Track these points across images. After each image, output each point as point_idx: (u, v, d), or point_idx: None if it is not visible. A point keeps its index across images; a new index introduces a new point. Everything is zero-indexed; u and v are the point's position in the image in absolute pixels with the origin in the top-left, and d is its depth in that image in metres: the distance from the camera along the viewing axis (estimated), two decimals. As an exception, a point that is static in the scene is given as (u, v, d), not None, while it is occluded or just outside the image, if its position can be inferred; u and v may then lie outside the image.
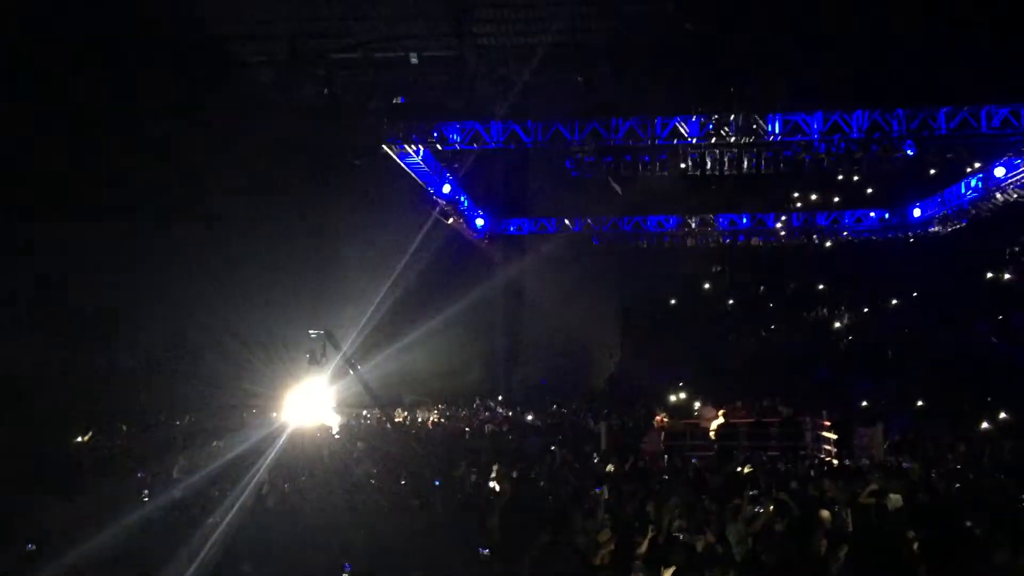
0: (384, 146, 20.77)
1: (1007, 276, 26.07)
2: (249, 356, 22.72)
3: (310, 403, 24.14)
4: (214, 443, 18.12)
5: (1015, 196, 22.75)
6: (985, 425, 17.86)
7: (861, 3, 16.30)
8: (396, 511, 11.93)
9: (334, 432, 21.62)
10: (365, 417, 23.82)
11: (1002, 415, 19.09)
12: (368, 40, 18.69)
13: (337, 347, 19.58)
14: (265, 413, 22.82)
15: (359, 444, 18.90)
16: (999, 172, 21.78)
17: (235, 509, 11.55)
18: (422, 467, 15.38)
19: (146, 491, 13.52)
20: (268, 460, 14.68)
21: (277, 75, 19.31)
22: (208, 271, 20.64)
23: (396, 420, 23.36)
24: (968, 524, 8.93)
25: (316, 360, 19.70)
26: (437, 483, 13.55)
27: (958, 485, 12.09)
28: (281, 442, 17.69)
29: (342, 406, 24.52)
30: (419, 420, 25.29)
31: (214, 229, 20.70)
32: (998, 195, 23.06)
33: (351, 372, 20.44)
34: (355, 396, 23.56)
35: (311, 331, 19.62)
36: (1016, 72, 17.77)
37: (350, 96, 19.91)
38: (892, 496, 10.59)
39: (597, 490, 9.79)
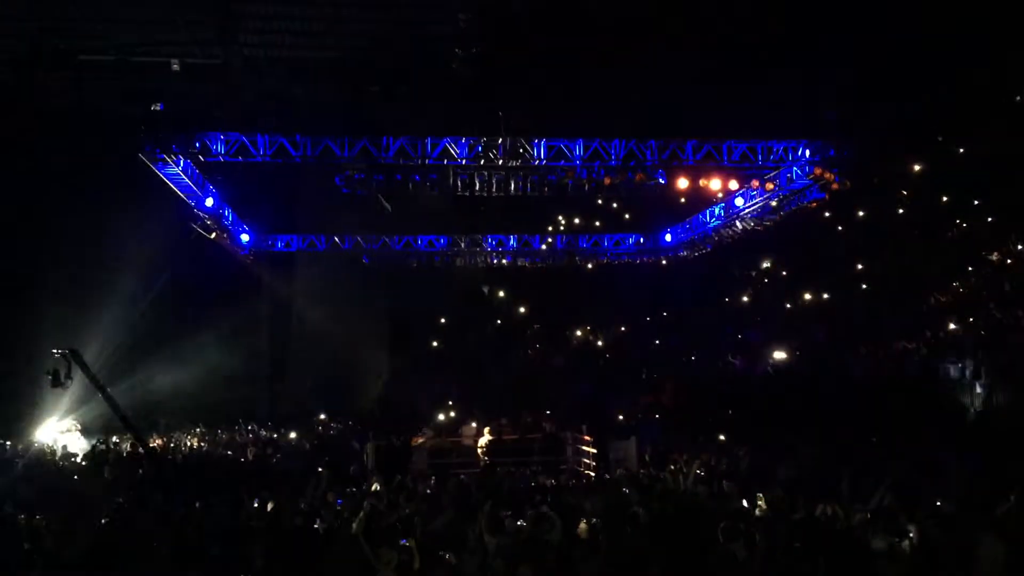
0: (141, 155, 19.65)
1: (744, 298, 28.42)
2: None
3: (52, 428, 22.38)
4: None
5: (753, 224, 24.90)
6: (722, 437, 19.30)
7: (625, 41, 17.33)
8: (149, 542, 11.20)
9: (79, 459, 20.09)
10: (115, 443, 22.28)
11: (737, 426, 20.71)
12: (124, 43, 17.69)
13: (84, 367, 18.20)
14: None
15: (106, 471, 17.68)
16: (739, 202, 23.71)
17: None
18: (178, 494, 14.57)
19: None
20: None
21: (18, 76, 17.85)
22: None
23: (150, 445, 22.05)
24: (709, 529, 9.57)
25: (59, 381, 18.18)
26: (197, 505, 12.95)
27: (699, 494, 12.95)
28: (16, 471, 16.24)
29: (88, 431, 22.86)
30: (175, 444, 24.00)
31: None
32: (738, 223, 25.15)
33: (99, 394, 19.04)
34: (103, 420, 22.03)
35: (54, 350, 18.12)
36: (753, 110, 19.55)
37: (102, 102, 18.71)
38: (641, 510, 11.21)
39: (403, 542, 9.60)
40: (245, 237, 27.60)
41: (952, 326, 20.63)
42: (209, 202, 22.87)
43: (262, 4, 17.04)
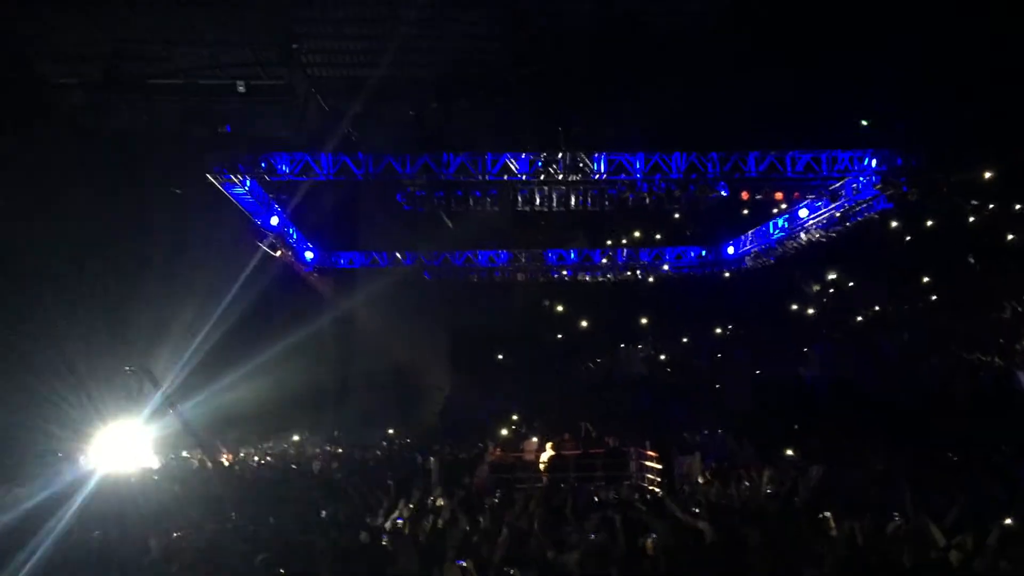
0: (209, 176, 20.12)
1: (810, 310, 27.91)
2: (59, 395, 21.28)
3: (126, 444, 22.86)
4: (15, 490, 16.76)
5: (818, 236, 24.47)
6: (789, 452, 18.90)
7: (682, 54, 17.25)
8: (218, 555, 11.38)
9: (153, 475, 20.51)
10: (185, 458, 22.72)
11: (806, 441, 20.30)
12: (192, 66, 18.18)
13: (156, 384, 18.64)
14: (74, 456, 21.37)
15: (176, 488, 18.00)
16: (803, 213, 23.34)
17: (35, 559, 10.72)
18: (246, 508, 14.78)
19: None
20: (75, 507, 13.71)
21: (91, 98, 18.42)
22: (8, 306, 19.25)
23: (219, 460, 22.42)
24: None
25: (133, 398, 18.66)
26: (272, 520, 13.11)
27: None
28: (91, 487, 16.61)
29: (161, 447, 23.33)
30: (244, 459, 24.36)
31: (18, 260, 19.35)
32: (802, 235, 24.75)
33: (171, 411, 19.46)
34: (175, 436, 22.48)
35: (128, 367, 18.59)
36: (817, 122, 19.27)
37: (172, 123, 19.23)
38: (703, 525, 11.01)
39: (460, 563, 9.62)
40: (309, 255, 28.07)
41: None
42: (274, 220, 23.31)
43: (323, 25, 17.38)
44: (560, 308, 33.13)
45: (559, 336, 33.59)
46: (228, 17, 16.63)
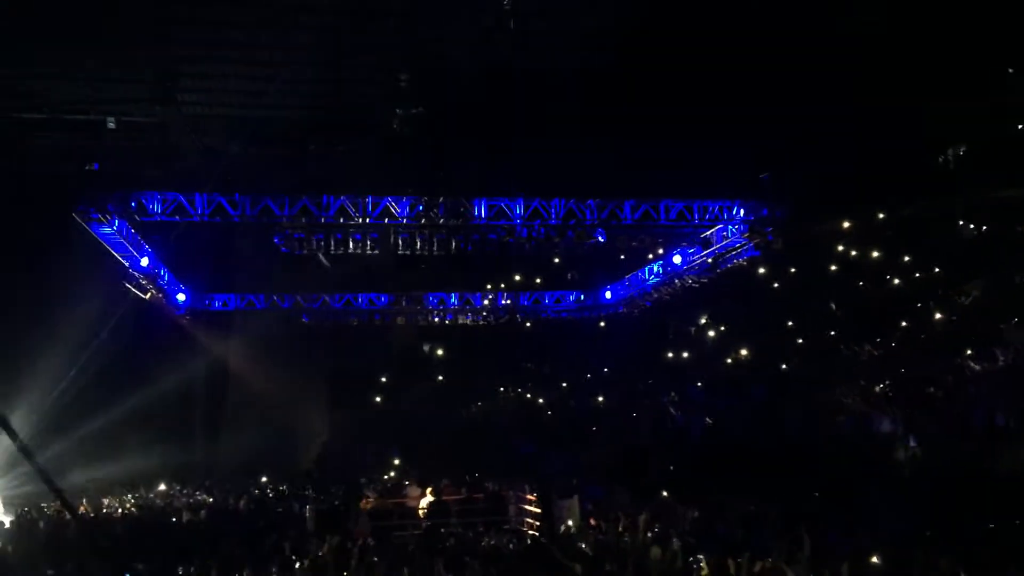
0: (75, 215, 19.32)
1: (684, 354, 28.67)
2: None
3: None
4: None
5: (690, 281, 25.26)
6: (665, 493, 19.28)
7: (564, 101, 17.64)
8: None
9: (6, 527, 19.34)
10: (43, 509, 21.51)
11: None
12: (60, 101, 17.50)
13: (11, 434, 17.60)
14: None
15: (33, 540, 17.05)
16: (676, 259, 24.09)
17: None
18: (107, 561, 14.08)
19: None
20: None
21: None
22: None
23: (80, 511, 21.30)
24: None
25: (-14, 447, 17.59)
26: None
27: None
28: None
29: (16, 499, 22.04)
30: (107, 509, 23.24)
31: None
32: (676, 281, 25.51)
33: (28, 461, 18.38)
34: (32, 489, 21.26)
35: (-20, 416, 17.51)
36: (689, 171, 19.97)
37: (37, 160, 18.43)
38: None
39: None
40: (181, 296, 27.14)
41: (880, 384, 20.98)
42: (144, 262, 22.54)
43: (201, 63, 17.04)
44: (440, 352, 33.01)
45: (439, 380, 33.46)
46: (101, 51, 16.11)
